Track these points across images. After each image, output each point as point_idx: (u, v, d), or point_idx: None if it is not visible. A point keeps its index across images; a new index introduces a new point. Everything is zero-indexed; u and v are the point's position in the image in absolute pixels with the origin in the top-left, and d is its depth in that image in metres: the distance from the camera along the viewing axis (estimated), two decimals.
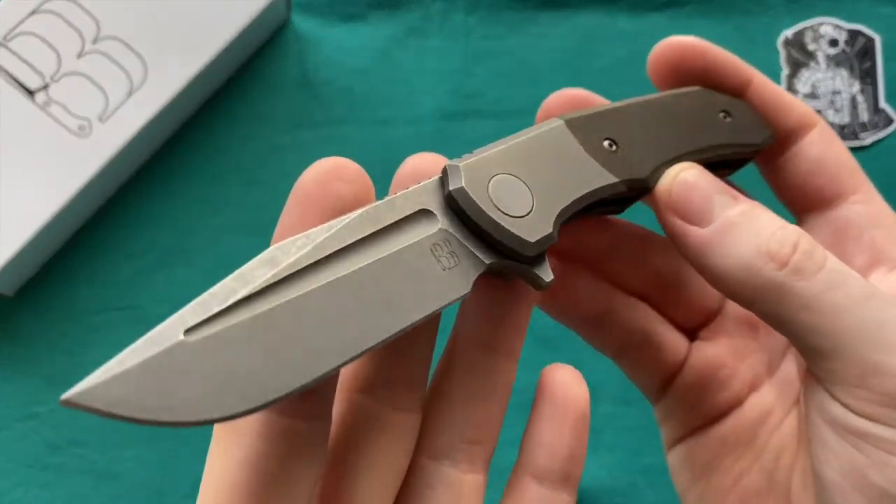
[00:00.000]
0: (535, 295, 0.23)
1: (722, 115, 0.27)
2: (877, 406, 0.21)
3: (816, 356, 0.22)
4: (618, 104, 0.26)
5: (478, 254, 0.21)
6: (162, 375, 0.17)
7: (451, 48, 0.47)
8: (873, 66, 0.47)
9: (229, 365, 0.18)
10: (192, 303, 0.18)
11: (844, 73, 0.47)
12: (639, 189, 0.25)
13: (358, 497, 0.21)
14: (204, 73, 0.43)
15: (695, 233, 0.24)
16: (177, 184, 0.45)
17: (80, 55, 0.42)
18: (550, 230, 0.22)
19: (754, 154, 0.28)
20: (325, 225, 0.20)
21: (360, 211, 0.20)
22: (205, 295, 0.18)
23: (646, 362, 0.29)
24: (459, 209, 0.21)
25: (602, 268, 0.28)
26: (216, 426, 0.20)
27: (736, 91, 0.28)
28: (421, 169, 0.22)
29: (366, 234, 0.20)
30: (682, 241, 0.24)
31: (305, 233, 0.20)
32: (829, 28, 0.47)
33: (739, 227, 0.23)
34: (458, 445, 0.23)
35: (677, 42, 0.27)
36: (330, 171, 0.21)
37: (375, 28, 0.47)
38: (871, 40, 0.47)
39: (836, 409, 0.22)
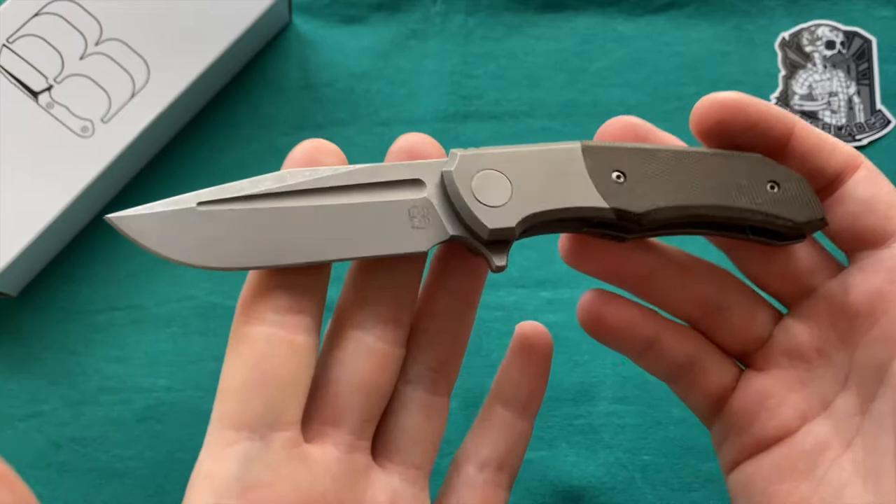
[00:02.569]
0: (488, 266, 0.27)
1: (770, 184, 0.27)
2: None
3: None
4: (658, 147, 0.27)
5: (447, 226, 0.26)
6: (173, 225, 0.24)
7: (451, 50, 0.47)
8: (870, 68, 0.47)
9: (219, 234, 0.24)
10: (212, 187, 0.25)
11: (841, 74, 0.47)
12: (630, 221, 0.26)
13: (342, 402, 0.26)
14: (206, 75, 0.43)
15: None
16: (179, 184, 0.45)
17: (82, 57, 0.42)
18: (512, 225, 0.25)
19: (796, 231, 0.28)
20: (331, 167, 0.25)
21: (363, 165, 0.25)
22: (223, 185, 0.25)
23: (694, 388, 0.30)
24: (445, 187, 0.26)
25: (645, 292, 0.29)
26: (231, 338, 0.26)
27: (781, 141, 0.28)
28: (408, 147, 0.27)
29: (361, 182, 0.25)
30: None
31: (314, 168, 0.25)
32: (825, 30, 0.48)
33: None
34: (427, 374, 0.28)
35: (718, 99, 0.27)
36: (315, 147, 0.26)
37: (376, 30, 0.48)
38: (867, 42, 0.47)
39: None
